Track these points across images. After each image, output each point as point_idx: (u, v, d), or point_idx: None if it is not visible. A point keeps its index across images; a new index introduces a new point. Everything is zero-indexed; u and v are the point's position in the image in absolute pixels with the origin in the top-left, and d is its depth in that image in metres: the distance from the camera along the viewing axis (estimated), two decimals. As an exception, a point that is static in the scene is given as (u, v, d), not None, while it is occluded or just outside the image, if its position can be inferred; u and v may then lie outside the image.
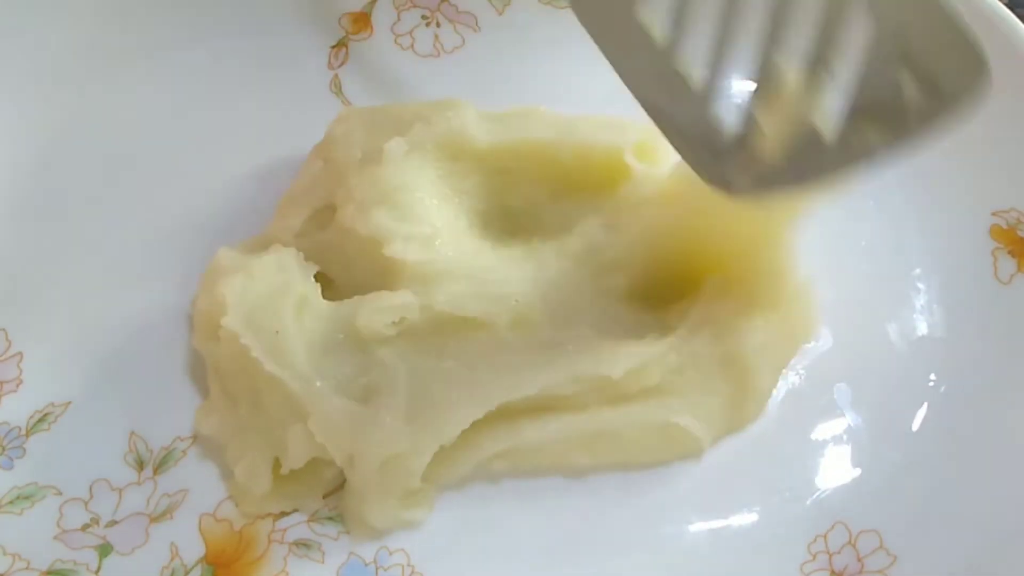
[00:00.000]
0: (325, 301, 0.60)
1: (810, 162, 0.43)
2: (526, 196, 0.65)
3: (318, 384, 0.56)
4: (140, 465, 0.59)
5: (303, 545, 0.58)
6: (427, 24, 0.76)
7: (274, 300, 0.58)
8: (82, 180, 0.68)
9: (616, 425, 0.59)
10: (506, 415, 0.58)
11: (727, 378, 0.60)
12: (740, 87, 0.48)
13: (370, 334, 0.58)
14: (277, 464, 0.57)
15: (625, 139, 0.64)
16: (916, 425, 0.61)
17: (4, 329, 0.63)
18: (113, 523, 0.57)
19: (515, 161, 0.64)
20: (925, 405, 0.62)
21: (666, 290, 0.63)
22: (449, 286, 0.59)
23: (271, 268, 0.60)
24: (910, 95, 0.38)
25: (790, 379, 0.63)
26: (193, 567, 0.57)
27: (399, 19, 0.76)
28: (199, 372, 0.62)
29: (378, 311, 0.58)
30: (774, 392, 0.62)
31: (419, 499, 0.58)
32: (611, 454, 0.60)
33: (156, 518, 0.58)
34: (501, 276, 0.61)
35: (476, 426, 0.57)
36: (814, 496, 0.60)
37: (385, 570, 0.57)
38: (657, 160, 0.64)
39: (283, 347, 0.56)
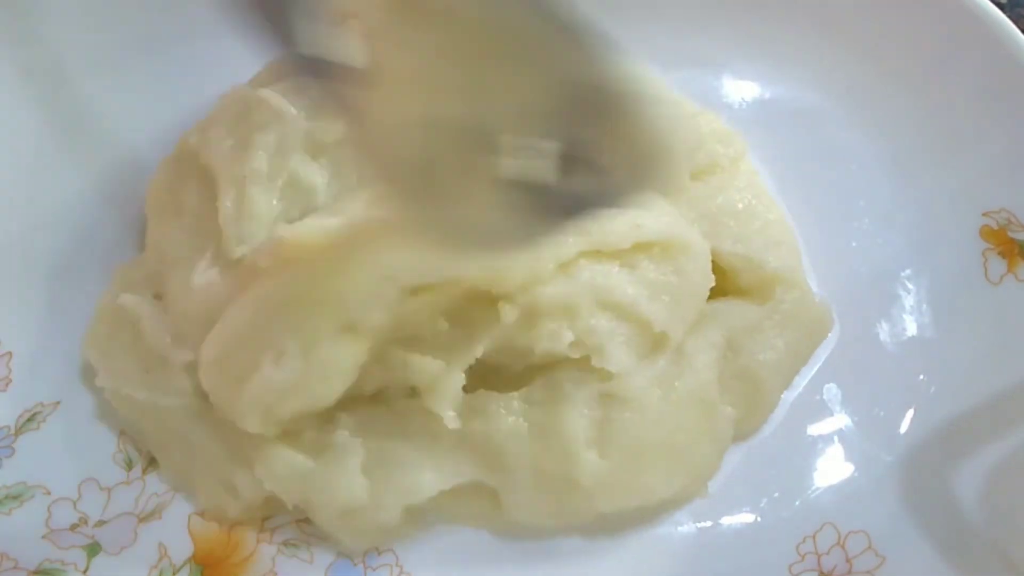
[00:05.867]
0: None
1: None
2: None
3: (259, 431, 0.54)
4: (129, 465, 0.59)
5: (291, 545, 0.58)
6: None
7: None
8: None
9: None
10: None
11: (739, 393, 0.60)
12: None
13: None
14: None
15: None
16: (905, 426, 0.61)
17: (-7, 328, 0.63)
18: (102, 523, 0.57)
19: None
20: (914, 406, 0.62)
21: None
22: None
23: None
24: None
25: (780, 379, 0.63)
26: (181, 567, 0.56)
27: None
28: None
29: None
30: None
31: (400, 527, 0.57)
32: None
33: (145, 518, 0.58)
34: None
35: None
36: (803, 497, 0.59)
37: (374, 570, 0.57)
38: None
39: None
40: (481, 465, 0.55)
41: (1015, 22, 0.66)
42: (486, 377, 0.56)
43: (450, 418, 0.52)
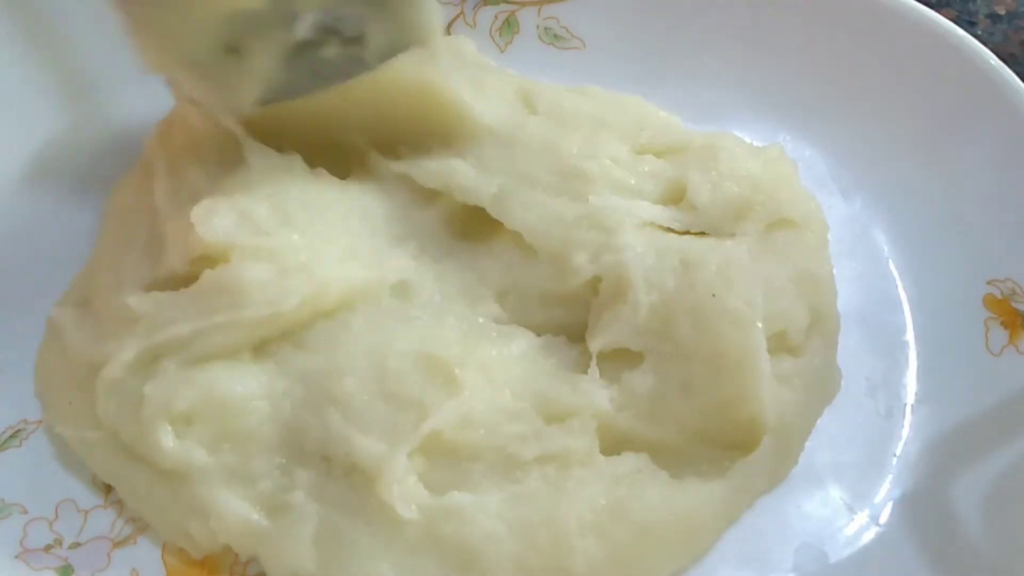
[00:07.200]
0: None
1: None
2: None
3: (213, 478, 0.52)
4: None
5: (266, 577, 0.57)
6: (429, 57, 0.76)
7: None
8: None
9: None
10: None
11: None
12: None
13: None
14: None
15: None
16: (895, 495, 0.60)
17: (-24, 346, 0.63)
18: (76, 545, 0.57)
19: None
20: (905, 475, 0.60)
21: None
22: None
23: None
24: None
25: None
26: (153, 595, 0.56)
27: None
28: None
29: None
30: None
31: None
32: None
33: (119, 543, 0.58)
34: None
35: None
36: (788, 568, 0.58)
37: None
38: None
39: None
40: (451, 568, 0.50)
41: (1014, 34, 0.64)
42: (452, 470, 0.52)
43: (406, 510, 0.49)
